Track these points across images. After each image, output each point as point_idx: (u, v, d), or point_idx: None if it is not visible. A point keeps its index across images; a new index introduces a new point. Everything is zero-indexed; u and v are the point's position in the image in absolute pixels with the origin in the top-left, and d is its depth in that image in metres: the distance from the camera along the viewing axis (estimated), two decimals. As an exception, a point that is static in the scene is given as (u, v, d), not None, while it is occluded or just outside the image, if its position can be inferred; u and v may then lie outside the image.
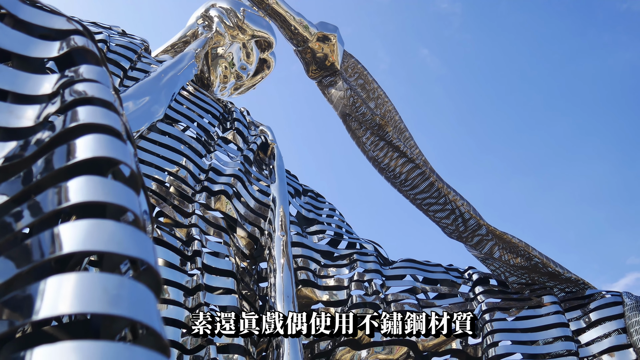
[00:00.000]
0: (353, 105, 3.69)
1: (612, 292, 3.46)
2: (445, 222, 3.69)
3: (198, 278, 2.77)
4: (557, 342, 3.18)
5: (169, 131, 3.32)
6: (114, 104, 1.12)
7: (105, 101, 1.11)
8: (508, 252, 3.63)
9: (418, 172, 3.61)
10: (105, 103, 1.11)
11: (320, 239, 3.82)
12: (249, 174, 3.58)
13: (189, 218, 3.03)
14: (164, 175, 3.09)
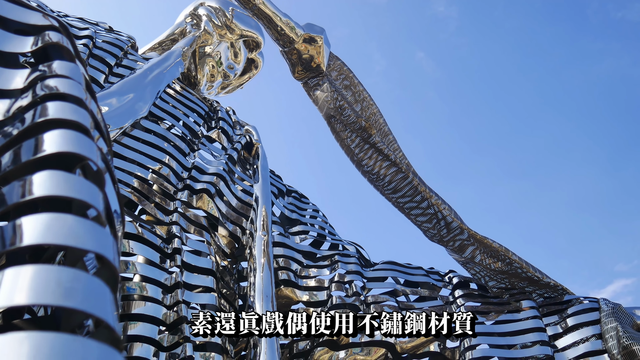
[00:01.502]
0: (338, 107, 3.71)
1: (589, 299, 3.50)
2: (427, 226, 3.71)
3: (177, 276, 2.78)
4: (534, 346, 3.20)
5: (152, 129, 3.32)
6: (83, 101, 1.13)
7: (75, 97, 1.12)
8: (488, 257, 3.66)
9: (400, 175, 3.63)
10: (75, 99, 1.12)
11: (303, 239, 3.83)
12: (233, 173, 3.59)
13: (170, 216, 3.04)
14: (146, 172, 3.09)
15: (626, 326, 3.12)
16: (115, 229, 1.29)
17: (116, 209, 1.35)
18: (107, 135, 1.46)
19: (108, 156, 1.39)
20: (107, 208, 1.20)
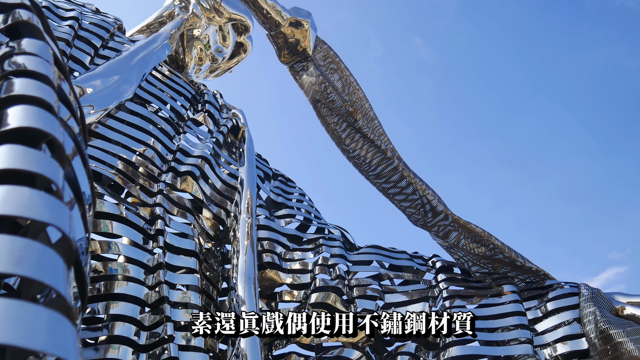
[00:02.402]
0: (324, 91, 3.72)
1: (570, 284, 3.54)
2: (411, 211, 3.74)
3: (159, 257, 2.80)
4: (514, 330, 3.24)
5: (138, 111, 3.33)
6: (50, 78, 1.15)
7: (41, 75, 1.14)
8: (472, 242, 3.70)
9: (385, 160, 3.66)
10: (41, 76, 1.13)
11: (288, 223, 3.86)
12: (218, 157, 3.60)
13: (154, 198, 3.06)
14: (131, 154, 3.10)
15: (604, 311, 3.17)
16: (83, 208, 1.31)
17: (85, 190, 1.37)
18: (80, 115, 1.48)
19: (79, 136, 1.40)
20: (74, 186, 1.22)
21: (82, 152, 1.37)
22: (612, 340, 2.97)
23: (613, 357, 2.97)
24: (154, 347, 2.53)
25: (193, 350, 2.68)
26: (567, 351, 3.09)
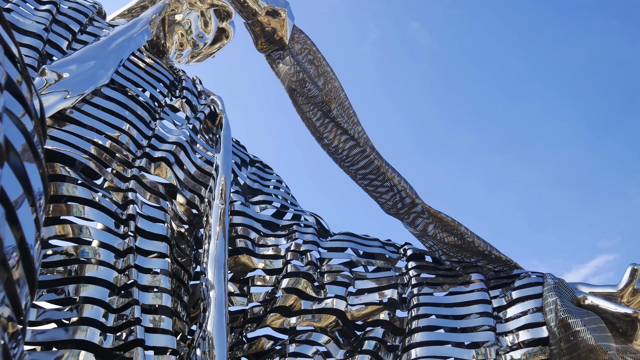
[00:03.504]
0: (299, 80, 3.77)
1: (537, 273, 3.62)
2: (384, 198, 3.81)
3: (130, 241, 2.87)
4: (478, 317, 3.32)
5: (114, 97, 3.37)
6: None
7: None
8: (442, 231, 3.77)
9: (358, 149, 3.72)
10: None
11: (263, 209, 3.92)
12: (194, 143, 3.65)
13: (127, 183, 3.11)
14: (105, 140, 3.15)
15: (565, 300, 3.25)
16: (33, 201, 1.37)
17: (39, 188, 1.43)
18: (36, 113, 1.53)
19: (33, 134, 1.46)
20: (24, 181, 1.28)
21: (35, 150, 1.43)
22: (570, 328, 3.06)
23: (570, 345, 3.06)
24: (120, 329, 2.60)
25: (161, 333, 2.76)
26: (528, 339, 3.17)
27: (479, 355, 3.12)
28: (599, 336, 3.01)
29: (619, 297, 3.37)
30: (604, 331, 3.07)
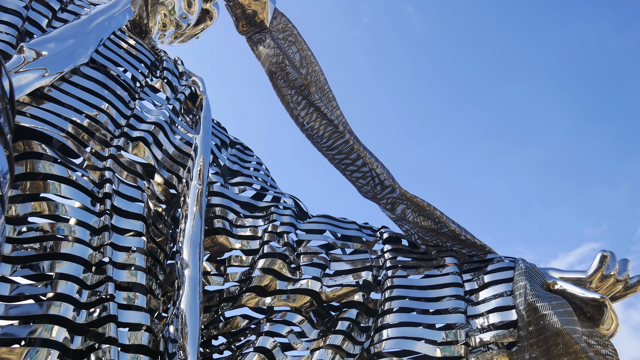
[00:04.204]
0: (279, 63, 3.80)
1: (509, 258, 3.69)
2: (361, 182, 3.86)
3: (106, 219, 2.90)
4: (449, 300, 3.39)
5: (93, 76, 3.37)
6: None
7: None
8: (418, 215, 3.83)
9: (337, 133, 3.76)
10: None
11: (242, 190, 3.96)
12: (173, 123, 3.67)
13: (104, 162, 3.13)
14: (83, 118, 3.16)
15: (535, 285, 3.32)
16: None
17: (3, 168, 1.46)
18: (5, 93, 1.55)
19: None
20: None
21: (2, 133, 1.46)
22: (538, 312, 3.13)
23: (538, 328, 3.13)
24: (94, 305, 2.64)
25: (135, 310, 2.80)
26: (498, 321, 3.24)
27: (448, 336, 3.19)
28: (566, 320, 3.08)
29: (588, 282, 3.45)
30: (570, 315, 3.15)
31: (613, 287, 3.49)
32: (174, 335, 2.75)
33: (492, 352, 3.24)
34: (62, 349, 2.49)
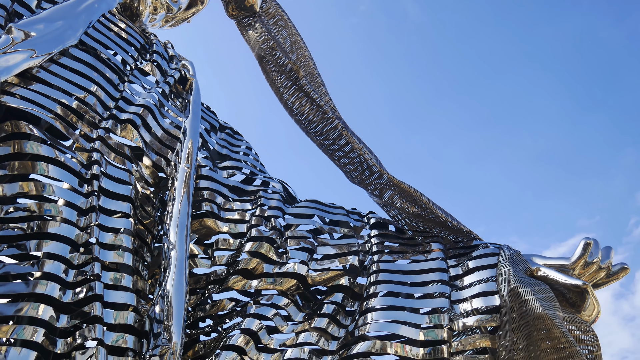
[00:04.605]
0: (269, 48, 3.81)
1: (494, 245, 3.73)
2: (349, 168, 3.89)
3: (93, 200, 2.92)
4: (434, 285, 3.43)
5: (82, 58, 3.38)
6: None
7: None
8: (405, 201, 3.86)
9: (325, 119, 3.78)
10: None
11: (231, 174, 3.98)
12: (162, 107, 3.68)
13: (92, 143, 3.15)
14: (71, 100, 3.17)
15: (518, 270, 3.37)
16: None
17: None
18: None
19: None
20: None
21: None
22: (520, 297, 3.17)
23: (520, 313, 3.18)
24: (80, 284, 2.67)
25: (121, 290, 2.83)
26: (481, 306, 3.27)
27: (432, 321, 3.23)
28: (547, 305, 3.13)
29: (571, 269, 3.50)
30: (552, 300, 3.19)
31: (596, 274, 3.53)
32: (159, 315, 2.78)
33: (475, 336, 3.27)
34: (48, 327, 2.52)
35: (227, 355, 3.15)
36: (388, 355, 3.18)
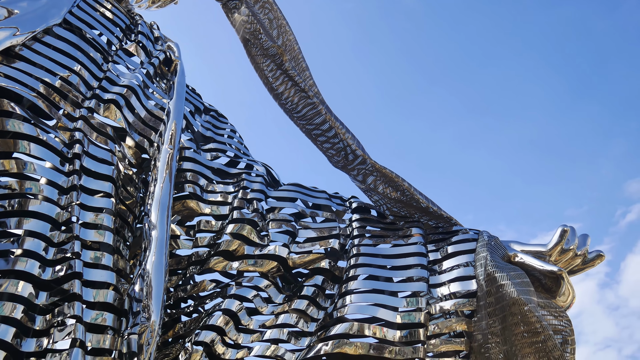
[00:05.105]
0: (254, 31, 3.82)
1: (474, 230, 3.78)
2: (332, 152, 3.92)
3: (74, 179, 2.93)
4: (413, 269, 3.47)
5: (66, 36, 3.37)
6: None
7: None
8: (387, 186, 3.89)
9: (308, 102, 3.80)
10: None
11: (214, 157, 4.00)
12: (147, 87, 3.68)
13: (75, 123, 3.15)
14: (54, 79, 3.17)
15: (495, 256, 3.42)
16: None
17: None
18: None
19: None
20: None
21: None
22: (496, 282, 3.23)
23: (495, 297, 3.23)
24: (60, 262, 2.69)
25: (101, 269, 2.85)
26: (459, 290, 3.33)
27: (410, 304, 3.27)
28: (522, 290, 3.18)
29: (547, 255, 3.56)
30: (527, 286, 3.25)
31: (572, 260, 3.60)
32: (138, 294, 2.81)
33: (452, 319, 3.32)
34: (27, 303, 2.54)
35: (206, 335, 3.19)
36: (366, 338, 3.23)
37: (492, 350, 3.25)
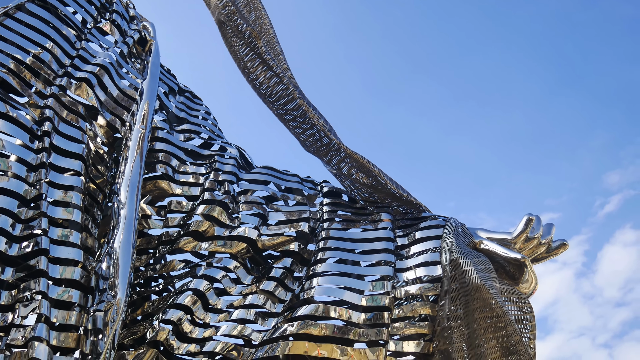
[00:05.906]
0: (229, 14, 3.82)
1: (442, 217, 3.84)
2: (305, 136, 3.94)
3: (43, 157, 2.93)
4: (380, 253, 3.53)
5: (38, 13, 3.36)
6: None
7: None
8: (358, 171, 3.94)
9: (282, 87, 3.82)
10: None
11: (188, 138, 4.01)
12: (120, 67, 3.68)
13: (46, 100, 3.15)
14: (26, 56, 3.16)
15: (461, 242, 3.48)
16: None
17: None
18: None
19: None
20: None
21: None
22: (460, 268, 3.29)
23: (459, 283, 3.30)
24: (26, 239, 2.71)
25: (69, 246, 2.87)
26: (424, 275, 3.39)
27: (375, 287, 3.33)
28: (485, 276, 3.25)
29: (512, 243, 3.63)
30: (490, 272, 3.32)
31: (536, 248, 3.67)
32: (105, 272, 2.84)
33: (416, 304, 3.38)
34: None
35: (174, 314, 3.22)
36: (331, 319, 3.28)
37: (455, 334, 3.32)
